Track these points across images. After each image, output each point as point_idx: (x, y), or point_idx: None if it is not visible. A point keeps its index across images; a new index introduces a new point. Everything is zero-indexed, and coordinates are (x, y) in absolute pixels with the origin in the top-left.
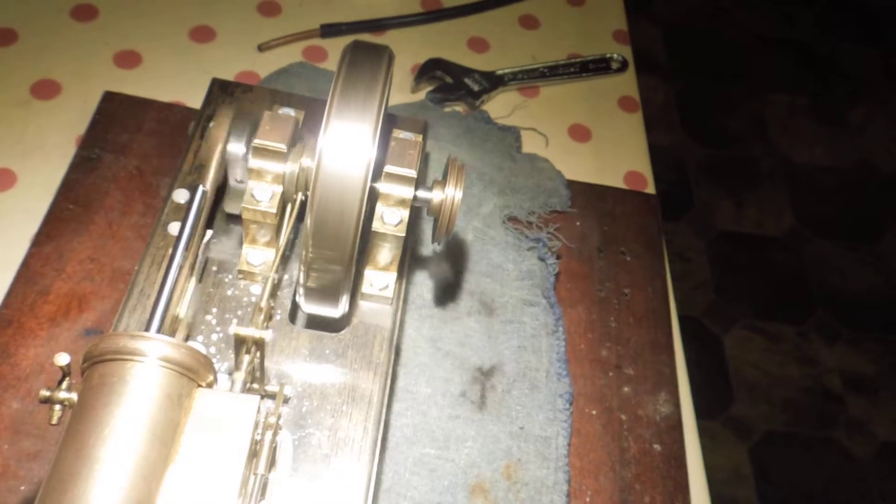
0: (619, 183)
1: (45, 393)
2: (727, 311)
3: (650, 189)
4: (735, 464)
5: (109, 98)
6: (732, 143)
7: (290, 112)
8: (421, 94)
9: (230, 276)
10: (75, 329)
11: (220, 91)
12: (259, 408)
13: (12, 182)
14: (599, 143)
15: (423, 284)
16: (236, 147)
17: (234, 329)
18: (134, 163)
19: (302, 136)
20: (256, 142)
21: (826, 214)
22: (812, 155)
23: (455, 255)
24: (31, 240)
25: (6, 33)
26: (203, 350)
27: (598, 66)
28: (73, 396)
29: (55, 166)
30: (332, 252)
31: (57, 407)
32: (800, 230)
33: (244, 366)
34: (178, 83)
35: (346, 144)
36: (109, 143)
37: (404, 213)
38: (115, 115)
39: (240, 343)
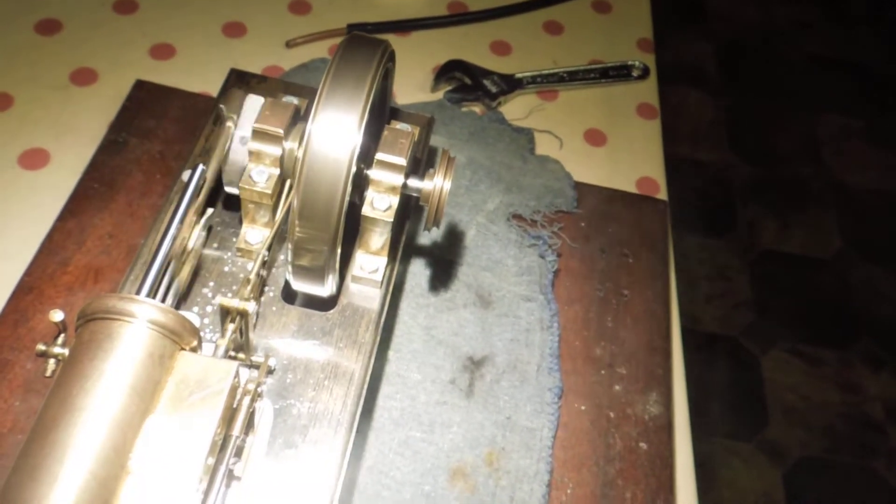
0: (631, 188)
1: (41, 347)
2: (767, 333)
3: (662, 195)
4: (768, 488)
5: (139, 86)
6: (781, 163)
7: (294, 100)
8: (440, 94)
9: (229, 254)
10: (90, 299)
11: (237, 80)
12: (237, 372)
13: (46, 161)
14: (614, 148)
15: (422, 274)
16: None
17: (220, 300)
18: (157, 147)
19: (303, 122)
20: (256, 125)
21: (876, 239)
22: (865, 178)
23: (456, 249)
24: (57, 215)
25: (52, 23)
26: (197, 320)
27: (618, 73)
28: (66, 351)
29: (86, 148)
30: (318, 232)
31: (52, 361)
32: (848, 253)
33: (228, 334)
34: (206, 75)
35: (333, 129)
36: (136, 129)
37: (394, 200)
38: (144, 102)
39: (225, 313)
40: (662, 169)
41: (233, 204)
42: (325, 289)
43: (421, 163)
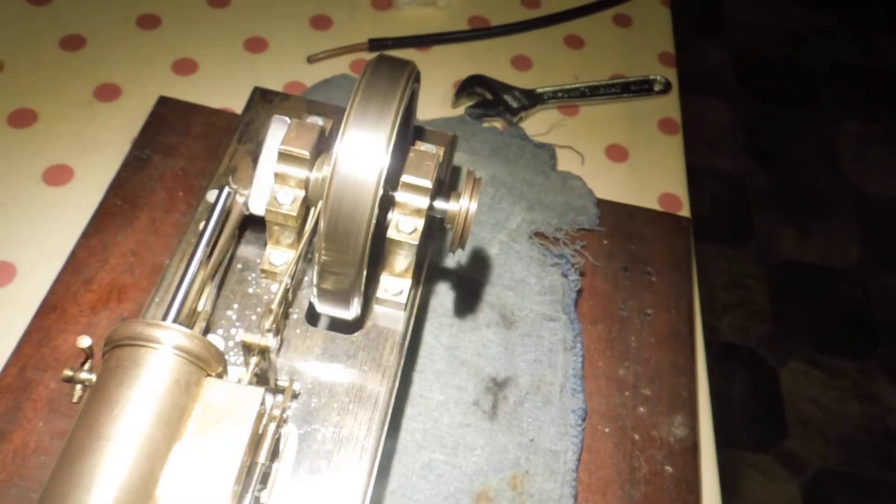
0: (653, 204)
1: (68, 373)
2: (785, 343)
3: (685, 212)
4: (787, 500)
5: (163, 102)
6: (800, 171)
7: (319, 121)
8: (461, 109)
9: (253, 275)
10: (113, 318)
11: (261, 99)
12: (263, 399)
13: (69, 177)
14: (636, 164)
15: (446, 294)
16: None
17: (241, 336)
18: (180, 164)
19: (328, 143)
20: (281, 147)
21: None
22: (885, 186)
23: (479, 268)
24: (81, 232)
25: (76, 39)
26: (222, 343)
27: (640, 88)
28: (94, 377)
29: (110, 164)
30: (344, 255)
31: (78, 386)
32: (868, 263)
33: (251, 368)
34: (229, 90)
35: (360, 151)
36: (159, 145)
37: (419, 223)
38: (167, 118)
39: (247, 348)
40: (685, 185)
41: (257, 225)
42: (350, 312)
43: (444, 183)
